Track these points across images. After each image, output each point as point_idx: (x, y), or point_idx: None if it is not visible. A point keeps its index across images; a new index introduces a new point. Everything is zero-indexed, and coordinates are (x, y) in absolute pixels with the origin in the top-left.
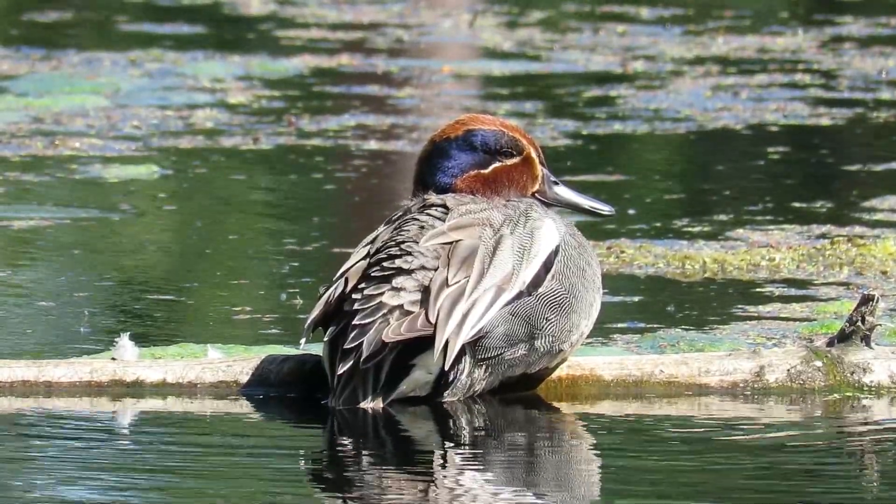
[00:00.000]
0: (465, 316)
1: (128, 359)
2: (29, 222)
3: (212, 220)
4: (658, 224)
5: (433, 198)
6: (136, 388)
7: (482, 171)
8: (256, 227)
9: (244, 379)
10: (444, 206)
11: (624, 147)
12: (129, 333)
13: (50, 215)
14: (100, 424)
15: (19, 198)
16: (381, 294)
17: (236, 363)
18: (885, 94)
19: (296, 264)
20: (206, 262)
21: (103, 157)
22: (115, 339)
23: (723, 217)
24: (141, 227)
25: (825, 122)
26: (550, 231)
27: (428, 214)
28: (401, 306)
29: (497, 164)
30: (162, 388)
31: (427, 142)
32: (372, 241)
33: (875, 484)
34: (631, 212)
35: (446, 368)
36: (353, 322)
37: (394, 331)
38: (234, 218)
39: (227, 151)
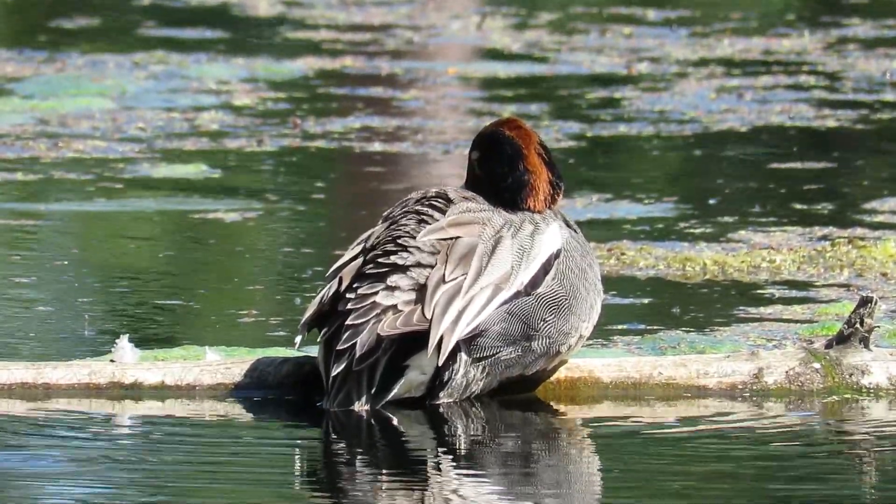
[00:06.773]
0: (460, 313)
1: (127, 361)
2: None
3: (216, 222)
4: (659, 226)
5: (433, 189)
6: (135, 391)
7: None
8: (261, 229)
9: (242, 381)
10: (446, 197)
11: (628, 149)
12: (128, 335)
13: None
14: (98, 426)
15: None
16: (375, 293)
17: (235, 365)
18: (889, 96)
19: (301, 267)
20: (212, 264)
21: (152, 157)
22: (115, 341)
23: (724, 219)
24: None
25: (830, 123)
26: (553, 234)
27: (430, 206)
28: (394, 306)
29: None
30: (160, 391)
31: (522, 153)
32: (367, 238)
33: (874, 486)
34: (633, 213)
35: (440, 364)
36: (347, 322)
37: (389, 324)
38: (239, 220)
39: (232, 153)
